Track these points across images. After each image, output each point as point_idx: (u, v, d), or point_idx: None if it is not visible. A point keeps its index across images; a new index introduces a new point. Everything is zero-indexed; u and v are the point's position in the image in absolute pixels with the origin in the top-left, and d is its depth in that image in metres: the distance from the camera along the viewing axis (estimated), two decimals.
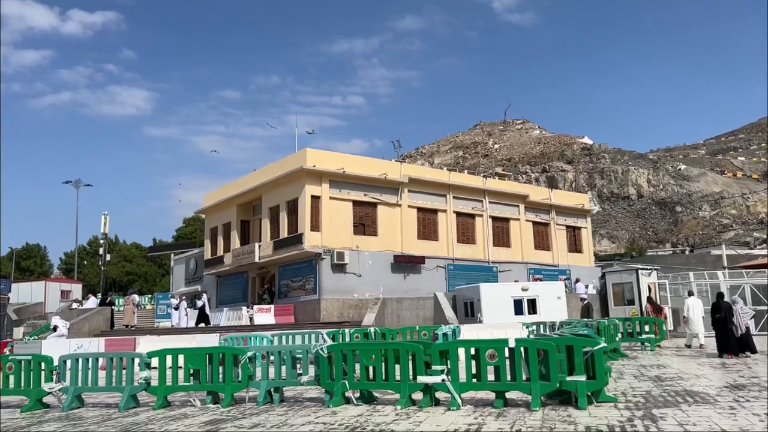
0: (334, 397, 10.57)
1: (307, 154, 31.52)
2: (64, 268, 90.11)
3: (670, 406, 9.20)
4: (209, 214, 40.14)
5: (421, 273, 33.89)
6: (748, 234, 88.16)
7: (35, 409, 11.87)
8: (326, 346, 10.94)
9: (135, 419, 10.25)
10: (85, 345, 21.47)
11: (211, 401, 11.40)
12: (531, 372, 9.52)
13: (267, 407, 10.86)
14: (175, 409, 11.15)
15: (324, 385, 10.87)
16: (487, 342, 10.09)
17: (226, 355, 11.43)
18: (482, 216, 37.20)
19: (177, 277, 45.42)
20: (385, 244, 33.05)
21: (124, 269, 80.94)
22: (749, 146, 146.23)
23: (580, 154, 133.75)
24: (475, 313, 23.31)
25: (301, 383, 11.18)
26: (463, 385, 9.88)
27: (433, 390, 10.10)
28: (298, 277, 32.19)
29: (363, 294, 31.53)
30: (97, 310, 28.94)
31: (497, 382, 9.75)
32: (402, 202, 34.00)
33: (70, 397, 11.74)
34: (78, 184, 69.89)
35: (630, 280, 25.47)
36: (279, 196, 33.04)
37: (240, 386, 11.34)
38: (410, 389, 10.12)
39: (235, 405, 11.24)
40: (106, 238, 74.78)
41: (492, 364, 9.76)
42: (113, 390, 11.89)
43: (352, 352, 10.71)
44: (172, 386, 11.59)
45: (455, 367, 9.92)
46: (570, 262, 40.66)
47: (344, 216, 32.09)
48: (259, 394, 11.16)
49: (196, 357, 11.48)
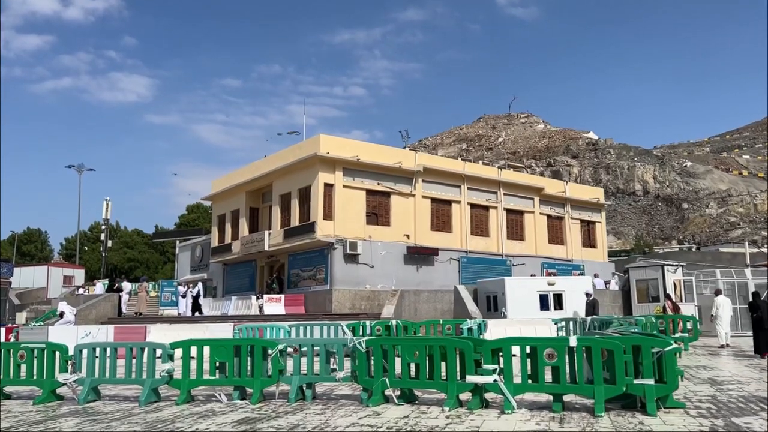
0: (374, 395, 9.79)
1: (320, 140, 30.68)
2: (65, 254, 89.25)
3: (748, 414, 8.42)
4: (217, 201, 39.31)
5: (434, 265, 33.13)
6: (755, 232, 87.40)
7: (49, 401, 11.11)
8: (365, 340, 10.15)
9: (159, 415, 9.48)
10: (93, 332, 20.71)
11: (238, 396, 10.64)
12: (595, 374, 8.73)
13: (300, 405, 10.09)
14: (201, 405, 10.38)
15: (362, 383, 10.10)
16: (544, 340, 9.31)
17: (255, 347, 10.65)
18: (496, 208, 36.40)
19: (182, 264, 44.65)
20: (398, 235, 32.27)
21: (126, 255, 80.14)
22: (754, 144, 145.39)
23: (585, 149, 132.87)
24: (499, 308, 22.54)
25: (337, 379, 10.40)
26: (518, 387, 9.10)
27: (483, 391, 9.33)
28: (309, 267, 31.40)
29: (375, 285, 30.77)
30: (105, 297, 28.15)
31: (556, 384, 8.96)
32: (416, 192, 33.19)
33: (86, 389, 10.96)
34: (81, 169, 69.05)
35: (655, 276, 24.70)
36: (290, 184, 32.21)
37: (270, 381, 10.57)
38: (458, 389, 9.34)
39: (264, 401, 10.48)
40: (108, 223, 74.01)
41: (551, 365, 8.97)
42: (133, 383, 11.11)
43: (393, 347, 9.93)
44: (196, 380, 10.81)
45: (509, 367, 9.14)
46: (584, 257, 39.89)
47: (357, 205, 31.28)
48: (291, 390, 10.38)
49: (222, 349, 10.69)
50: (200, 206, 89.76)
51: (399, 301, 23.86)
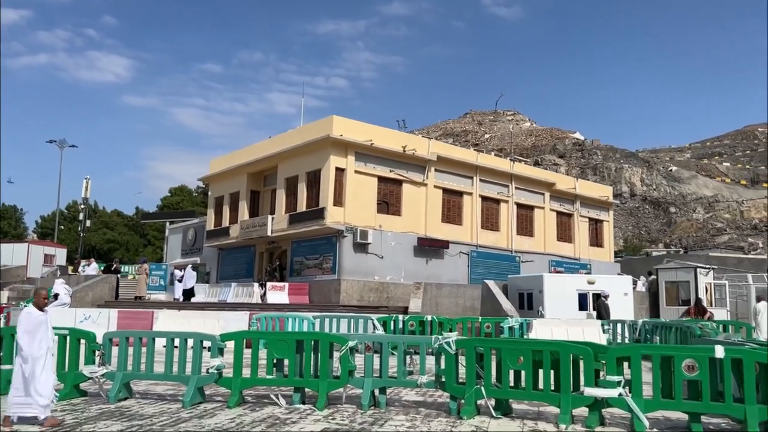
0: (466, 405, 8.36)
1: (333, 122, 29.03)
2: (40, 232, 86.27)
3: None
4: (214, 182, 37.47)
5: (443, 258, 31.74)
6: (742, 239, 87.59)
7: (71, 398, 9.49)
8: (454, 340, 8.70)
9: (216, 422, 7.95)
10: (93, 316, 18.99)
11: (299, 400, 9.12)
12: (746, 391, 7.40)
13: (376, 413, 8.63)
14: (256, 409, 8.86)
15: (450, 390, 8.66)
16: (682, 349, 7.93)
17: (321, 342, 9.14)
18: (507, 202, 35.11)
19: (172, 247, 42.70)
20: (408, 226, 30.80)
21: (106, 236, 77.56)
22: (734, 152, 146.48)
23: (571, 149, 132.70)
24: (535, 306, 21.22)
25: (418, 385, 8.93)
26: (649, 403, 7.72)
27: (604, 405, 7.94)
28: (315, 255, 29.80)
29: (384, 277, 29.34)
30: (102, 278, 26.25)
31: (696, 402, 7.59)
32: (428, 182, 31.73)
33: (117, 385, 9.37)
34: (62, 145, 66.35)
35: (687, 278, 23.59)
36: (298, 167, 30.53)
37: (337, 384, 9.08)
38: (574, 403, 7.94)
39: (331, 406, 8.99)
40: (87, 203, 71.43)
41: (690, 378, 7.60)
42: (174, 379, 9.53)
43: (490, 350, 8.49)
44: (250, 379, 9.28)
45: (638, 379, 7.75)
46: (591, 256, 38.81)
47: (368, 192, 29.72)
48: (364, 394, 8.91)
49: (282, 344, 9.17)
50: (184, 189, 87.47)
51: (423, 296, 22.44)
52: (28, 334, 7.56)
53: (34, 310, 7.82)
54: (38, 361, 7.55)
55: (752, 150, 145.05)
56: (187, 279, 28.24)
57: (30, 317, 7.70)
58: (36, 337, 7.62)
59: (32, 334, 7.60)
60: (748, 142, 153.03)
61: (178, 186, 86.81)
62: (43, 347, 7.67)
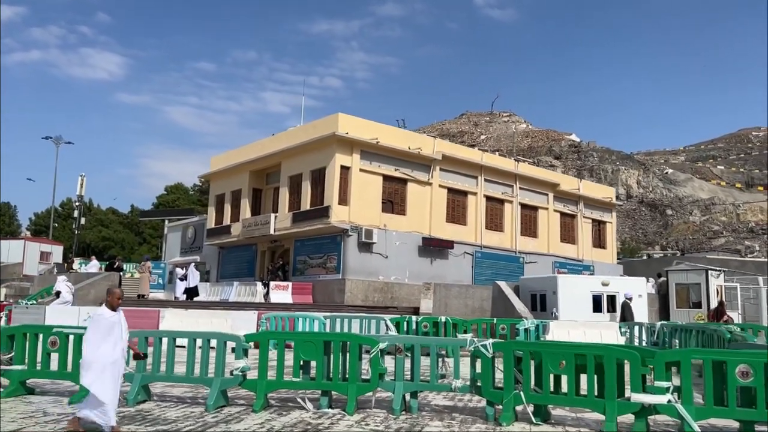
0: (505, 411, 8.01)
1: (339, 119, 28.64)
2: (34, 230, 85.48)
3: None
4: (215, 180, 37.02)
5: (448, 259, 31.40)
6: (738, 242, 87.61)
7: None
8: (491, 343, 8.35)
9: (243, 428, 7.56)
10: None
11: (327, 404, 8.74)
12: None
13: (409, 418, 8.28)
14: (283, 413, 8.48)
15: (486, 395, 8.30)
16: (736, 354, 7.59)
17: (351, 344, 8.79)
18: (512, 202, 34.81)
19: (171, 245, 42.21)
20: (413, 225, 30.46)
21: (101, 234, 76.89)
22: (728, 156, 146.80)
23: (567, 151, 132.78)
24: (548, 308, 20.89)
25: (452, 389, 8.57)
26: (700, 411, 7.38)
27: (651, 412, 7.61)
28: (319, 254, 29.40)
29: (388, 277, 28.99)
30: (105, 275, 25.72)
31: (751, 410, 7.26)
32: (433, 181, 31.39)
33: (136, 387, 8.97)
34: (59, 141, 65.80)
35: (698, 281, 23.31)
36: (302, 164, 30.13)
37: (367, 387, 8.71)
38: (620, 410, 7.59)
39: (360, 411, 8.62)
40: (82, 200, 70.82)
41: (745, 384, 7.27)
42: (196, 382, 9.15)
43: (530, 354, 8.13)
44: (276, 381, 8.89)
45: (688, 385, 7.42)
46: (594, 257, 38.56)
47: (373, 191, 29.36)
48: (395, 399, 8.55)
49: (309, 345, 8.80)
50: (180, 186, 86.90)
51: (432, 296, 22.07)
52: (97, 338, 6.88)
53: (106, 310, 7.10)
54: (112, 367, 6.89)
55: (746, 153, 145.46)
56: (191, 278, 27.77)
57: (102, 319, 7.01)
58: (109, 341, 6.94)
59: (104, 337, 6.92)
60: (742, 146, 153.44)
61: (174, 184, 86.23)
62: (117, 351, 7.01)
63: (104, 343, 6.90)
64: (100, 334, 6.93)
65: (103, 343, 6.89)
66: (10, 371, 9.47)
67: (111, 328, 6.98)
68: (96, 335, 6.90)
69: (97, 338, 6.91)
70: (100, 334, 6.93)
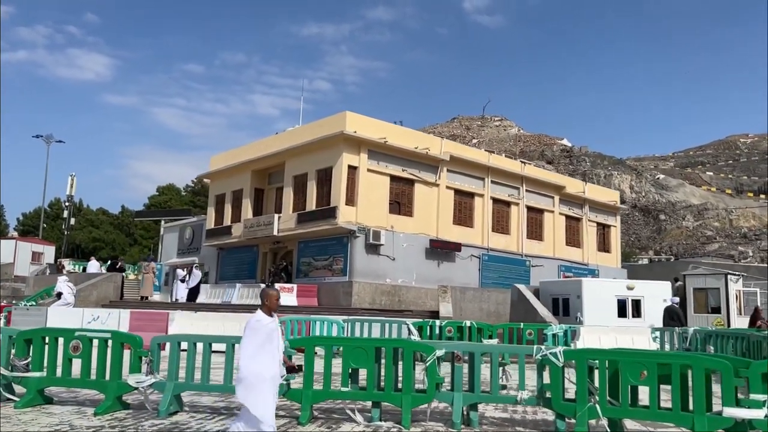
0: (579, 425, 7.32)
1: (346, 118, 27.93)
2: (21, 230, 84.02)
3: None
4: (215, 180, 36.14)
5: (455, 261, 30.76)
6: (732, 247, 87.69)
7: (114, 410, 8.32)
8: (562, 350, 7.66)
9: None
10: (102, 317, 17.69)
11: (378, 417, 8.01)
12: None
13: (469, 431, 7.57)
14: (333, 427, 7.76)
15: (557, 408, 7.61)
16: None
17: (405, 351, 8.07)
18: (518, 205, 34.23)
19: (168, 246, 41.24)
20: (420, 227, 29.78)
21: (91, 235, 75.62)
22: (716, 162, 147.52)
23: (560, 155, 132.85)
24: (572, 312, 20.25)
25: (517, 401, 7.87)
26: None
27: (745, 428, 6.95)
28: (325, 256, 28.65)
29: (396, 279, 28.30)
30: (107, 276, 24.83)
31: None
32: (440, 182, 30.73)
33: (168, 397, 8.21)
34: (49, 140, 64.69)
35: (717, 285, 22.78)
36: (308, 164, 29.37)
37: (424, 399, 8.00)
38: (710, 425, 6.93)
39: (415, 424, 7.91)
40: (72, 200, 69.63)
41: None
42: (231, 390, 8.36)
43: (605, 363, 7.45)
44: (323, 391, 8.15)
45: None
46: (598, 261, 38.06)
47: (381, 192, 28.66)
48: (455, 411, 7.85)
49: (359, 352, 8.07)
50: (172, 187, 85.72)
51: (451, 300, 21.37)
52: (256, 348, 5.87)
53: (264, 316, 6.05)
54: (272, 380, 5.97)
55: (734, 160, 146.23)
56: (192, 278, 26.95)
57: (260, 326, 6.00)
58: (268, 350, 5.94)
59: (263, 346, 5.92)
60: (730, 152, 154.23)
61: (167, 185, 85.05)
62: (276, 362, 6.05)
63: (262, 353, 5.90)
64: (259, 343, 5.91)
65: (262, 353, 5.90)
66: (28, 378, 8.67)
67: (270, 336, 6.03)
68: (254, 344, 5.90)
69: (256, 348, 5.87)
70: (259, 343, 5.91)
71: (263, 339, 5.92)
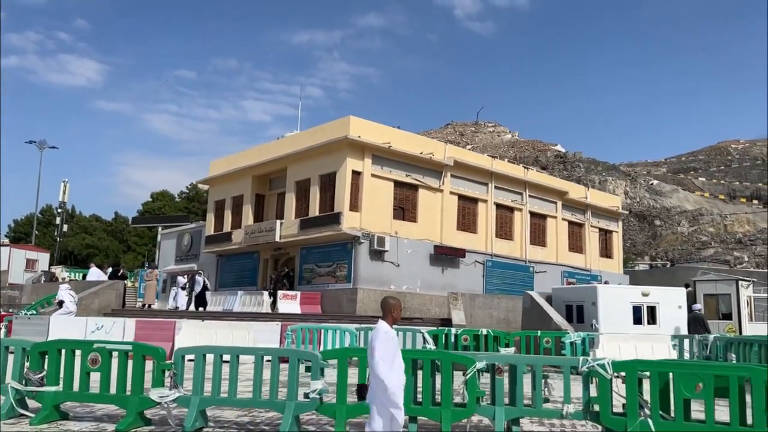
0: None
1: (350, 122, 27.58)
2: (13, 236, 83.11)
3: None
4: (215, 185, 35.66)
5: (459, 267, 30.41)
6: (727, 252, 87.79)
7: (135, 426, 7.90)
8: (610, 362, 7.31)
9: None
10: (106, 326, 17.22)
11: (415, 431, 7.63)
12: None
13: None
14: None
15: (606, 422, 7.27)
16: None
17: (443, 363, 7.70)
18: (521, 210, 33.96)
19: (165, 253, 40.68)
20: (424, 233, 29.43)
21: (84, 242, 74.84)
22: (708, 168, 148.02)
23: (554, 161, 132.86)
24: (587, 320, 19.90)
25: (563, 415, 7.51)
26: None
27: None
28: (328, 262, 28.24)
29: (400, 286, 27.89)
30: (109, 284, 24.31)
31: None
32: (444, 188, 30.42)
33: (194, 413, 7.79)
34: (42, 146, 64.11)
35: (728, 291, 22.53)
36: (310, 169, 28.99)
37: (464, 413, 7.64)
38: None
39: None
40: (64, 207, 68.94)
41: None
42: (263, 405, 7.99)
43: (659, 375, 7.11)
44: (357, 405, 7.75)
45: None
46: (601, 267, 37.81)
47: (385, 197, 28.31)
48: (496, 425, 7.49)
49: None
50: (166, 194, 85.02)
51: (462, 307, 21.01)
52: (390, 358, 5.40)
53: (387, 326, 5.64)
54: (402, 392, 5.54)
55: (726, 166, 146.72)
56: (197, 286, 26.49)
57: (388, 338, 5.53)
58: (396, 362, 5.51)
59: (394, 358, 5.47)
60: (722, 158, 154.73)
61: (160, 191, 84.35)
62: (401, 376, 5.61)
63: (395, 364, 5.49)
64: (391, 354, 5.48)
65: (394, 364, 5.48)
66: (43, 393, 8.25)
67: (397, 348, 5.65)
68: (389, 356, 5.46)
69: (390, 358, 5.45)
70: (391, 355, 5.48)
71: (394, 350, 5.57)
